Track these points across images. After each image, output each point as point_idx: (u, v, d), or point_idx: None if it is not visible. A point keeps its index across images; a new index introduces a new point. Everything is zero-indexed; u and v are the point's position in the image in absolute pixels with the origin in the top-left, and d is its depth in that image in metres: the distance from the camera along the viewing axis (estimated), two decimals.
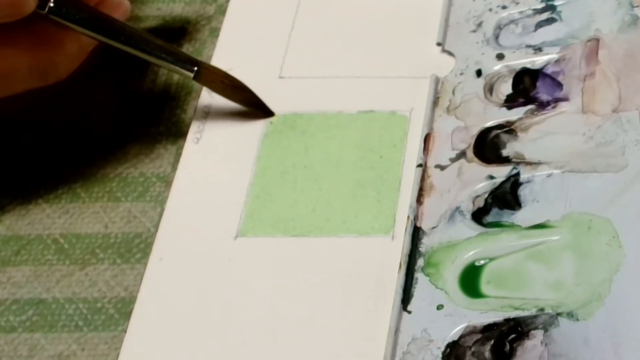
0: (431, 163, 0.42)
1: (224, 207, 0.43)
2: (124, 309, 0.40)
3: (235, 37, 0.49)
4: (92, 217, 0.43)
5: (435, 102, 0.44)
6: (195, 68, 0.44)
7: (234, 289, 0.40)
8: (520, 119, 0.43)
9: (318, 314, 0.39)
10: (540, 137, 0.43)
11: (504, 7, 0.47)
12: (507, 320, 0.38)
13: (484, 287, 0.39)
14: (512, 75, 0.45)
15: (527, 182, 0.41)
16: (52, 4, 0.42)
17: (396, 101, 0.45)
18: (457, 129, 0.43)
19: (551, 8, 0.47)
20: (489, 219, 0.41)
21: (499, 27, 0.47)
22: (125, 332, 0.40)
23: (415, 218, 0.41)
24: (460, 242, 0.40)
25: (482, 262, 0.39)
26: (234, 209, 0.43)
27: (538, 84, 0.44)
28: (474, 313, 0.38)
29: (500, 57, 0.45)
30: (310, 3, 0.49)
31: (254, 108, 0.45)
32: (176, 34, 0.49)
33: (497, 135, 0.43)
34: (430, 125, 0.44)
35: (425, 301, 0.39)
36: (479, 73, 0.45)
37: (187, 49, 0.48)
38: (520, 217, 0.40)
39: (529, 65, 0.45)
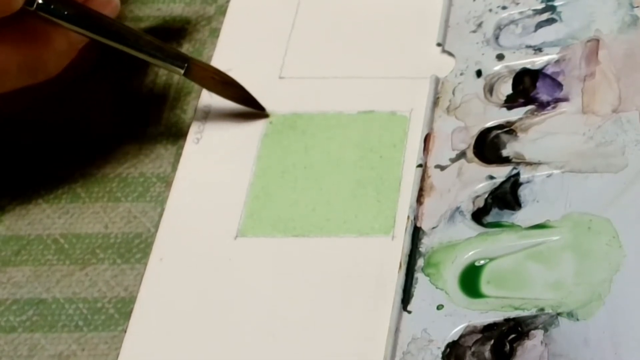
0: (431, 163, 0.43)
1: (224, 207, 0.43)
2: (124, 309, 0.40)
3: (236, 38, 0.49)
4: (92, 217, 0.43)
5: (435, 102, 0.44)
6: (186, 65, 0.44)
7: (234, 289, 0.40)
8: (520, 119, 0.43)
9: (318, 314, 0.39)
10: (540, 138, 0.43)
11: (504, 8, 0.47)
12: (507, 320, 0.38)
13: (484, 287, 0.39)
14: (512, 75, 0.45)
15: (527, 182, 0.41)
16: (40, 1, 0.41)
17: (396, 101, 0.45)
18: (457, 129, 0.43)
19: (551, 8, 0.47)
20: (489, 219, 0.41)
21: (499, 28, 0.47)
22: (125, 332, 0.40)
23: (416, 218, 0.41)
24: (460, 242, 0.40)
25: (482, 262, 0.39)
26: (234, 209, 0.43)
27: (538, 84, 0.44)
28: (474, 313, 0.38)
29: (500, 57, 0.45)
30: (310, 3, 0.49)
31: (245, 104, 0.45)
32: (176, 35, 0.49)
33: (497, 136, 0.43)
34: (430, 126, 0.44)
35: (425, 301, 0.39)
36: (479, 73, 0.45)
37: (187, 49, 0.48)
38: (520, 217, 0.40)
39: (529, 66, 0.45)
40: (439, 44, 0.46)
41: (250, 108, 0.45)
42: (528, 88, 0.44)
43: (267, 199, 0.43)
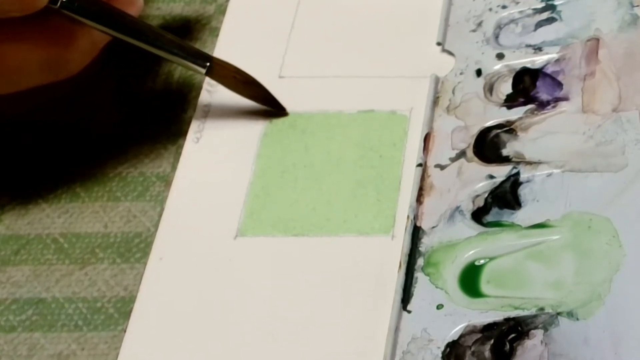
0: (431, 162, 0.42)
1: (224, 206, 0.43)
2: (123, 308, 0.40)
3: (235, 37, 0.48)
4: (92, 216, 0.43)
5: (435, 101, 0.44)
6: (208, 64, 0.44)
7: (233, 288, 0.40)
8: (520, 118, 0.43)
9: (318, 313, 0.39)
10: (540, 137, 0.43)
11: (504, 7, 0.47)
12: (507, 319, 0.38)
13: (484, 287, 0.39)
14: (512, 74, 0.45)
15: (527, 181, 0.41)
16: None
17: (396, 101, 0.45)
18: (457, 128, 0.43)
19: (551, 7, 0.47)
20: (489, 218, 0.41)
21: (499, 27, 0.47)
22: (125, 331, 0.40)
23: (415, 217, 0.41)
24: (460, 241, 0.40)
25: (482, 261, 0.39)
26: (234, 209, 0.43)
27: (538, 83, 0.44)
28: (473, 312, 0.38)
29: (500, 56, 0.45)
30: (310, 3, 0.49)
31: (266, 104, 0.45)
32: (176, 34, 0.48)
33: (497, 135, 0.43)
34: (430, 125, 0.44)
35: (425, 301, 0.39)
36: (479, 72, 0.45)
37: None
38: (520, 216, 0.40)
39: (529, 65, 0.45)
40: (438, 43, 0.46)
41: (271, 107, 0.45)
42: (528, 87, 0.44)
43: (267, 198, 0.43)
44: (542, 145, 0.42)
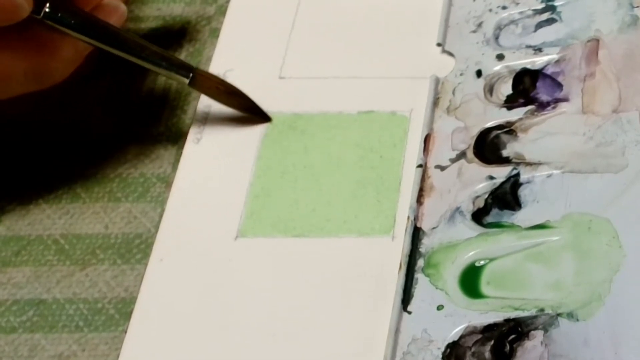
0: (431, 163, 0.43)
1: (224, 207, 0.43)
2: (124, 309, 0.40)
3: (236, 38, 0.49)
4: (93, 217, 0.43)
5: (435, 102, 0.44)
6: (191, 74, 0.44)
7: (234, 289, 0.40)
8: (520, 119, 0.43)
9: (318, 314, 0.39)
10: (540, 138, 0.43)
11: (504, 8, 0.47)
12: (507, 320, 0.38)
13: (484, 288, 0.39)
14: (512, 75, 0.45)
15: (527, 182, 0.41)
16: (47, 9, 0.41)
17: (396, 101, 0.45)
18: (457, 129, 0.43)
19: (551, 8, 0.47)
20: (489, 219, 0.41)
21: (499, 28, 0.47)
22: (126, 332, 0.40)
23: (416, 218, 0.41)
24: (460, 242, 0.40)
25: (482, 262, 0.39)
26: (234, 210, 0.43)
27: (538, 84, 0.44)
28: (474, 313, 0.38)
29: (500, 57, 0.45)
30: (310, 3, 0.49)
31: (250, 113, 0.45)
32: (176, 35, 0.49)
33: (497, 136, 0.43)
34: (431, 126, 0.44)
35: (425, 301, 0.39)
36: (479, 73, 0.45)
37: (187, 49, 0.48)
38: (520, 217, 0.41)
39: (529, 66, 0.45)
40: (439, 44, 0.46)
41: (256, 116, 0.45)
42: (528, 88, 0.44)
43: (267, 199, 0.43)
44: (542, 146, 0.42)
